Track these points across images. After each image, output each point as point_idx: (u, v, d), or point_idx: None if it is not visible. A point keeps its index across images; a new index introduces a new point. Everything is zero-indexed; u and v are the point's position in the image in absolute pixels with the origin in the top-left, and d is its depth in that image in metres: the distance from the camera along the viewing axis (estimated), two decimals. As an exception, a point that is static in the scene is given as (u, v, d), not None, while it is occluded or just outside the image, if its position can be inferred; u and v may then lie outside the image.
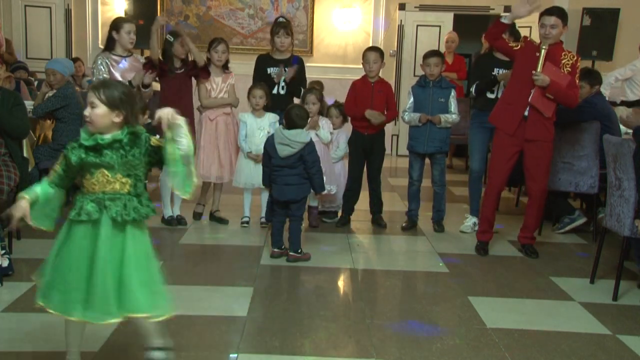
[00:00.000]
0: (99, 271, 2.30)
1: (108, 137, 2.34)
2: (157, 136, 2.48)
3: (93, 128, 2.35)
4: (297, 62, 5.17)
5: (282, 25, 5.11)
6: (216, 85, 5.07)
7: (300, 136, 4.16)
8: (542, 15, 4.32)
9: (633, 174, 3.57)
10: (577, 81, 4.36)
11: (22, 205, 2.35)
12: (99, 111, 2.33)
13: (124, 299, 2.33)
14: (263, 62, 5.21)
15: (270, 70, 5.15)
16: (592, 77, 5.06)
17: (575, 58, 4.33)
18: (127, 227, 2.37)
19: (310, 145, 4.20)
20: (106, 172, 2.35)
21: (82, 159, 2.35)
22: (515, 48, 4.44)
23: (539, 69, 4.22)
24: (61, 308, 2.33)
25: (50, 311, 2.35)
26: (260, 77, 5.12)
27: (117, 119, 2.35)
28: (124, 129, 2.37)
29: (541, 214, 4.61)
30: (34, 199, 2.37)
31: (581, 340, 3.15)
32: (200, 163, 4.92)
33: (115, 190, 2.36)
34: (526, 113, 4.32)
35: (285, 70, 5.09)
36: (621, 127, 5.24)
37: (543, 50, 4.23)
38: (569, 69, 4.30)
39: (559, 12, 4.26)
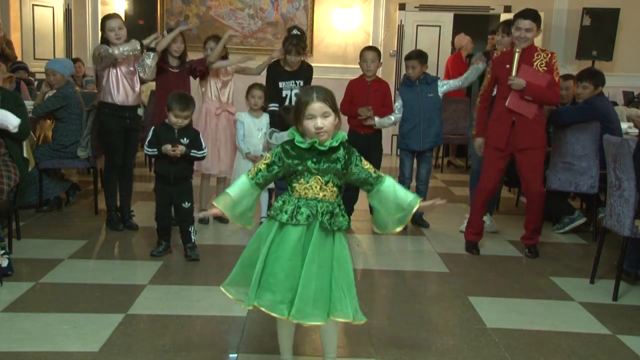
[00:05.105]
0: (311, 274, 2.34)
1: (334, 144, 2.37)
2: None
3: (326, 137, 2.35)
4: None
5: (294, 43, 4.97)
6: (216, 83, 5.13)
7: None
8: (516, 18, 4.30)
9: (633, 174, 3.57)
10: (557, 78, 4.30)
11: (214, 210, 2.45)
12: (331, 119, 2.36)
13: (334, 302, 2.39)
14: (274, 74, 5.13)
15: (281, 84, 5.10)
16: (597, 78, 5.05)
17: (549, 55, 4.29)
18: (335, 232, 2.42)
19: None
20: (321, 178, 2.37)
21: (300, 164, 2.36)
22: (490, 75, 4.51)
23: (513, 73, 4.23)
24: (272, 307, 2.37)
25: (263, 310, 2.38)
26: (272, 87, 5.08)
27: (335, 124, 2.39)
28: (338, 136, 2.39)
29: (541, 214, 4.60)
30: (229, 204, 2.44)
31: (581, 340, 3.15)
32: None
33: (325, 198, 2.39)
34: (514, 119, 4.32)
35: (296, 84, 5.08)
36: (622, 126, 5.23)
37: (517, 54, 4.23)
38: (544, 67, 4.26)
39: (534, 16, 4.24)
